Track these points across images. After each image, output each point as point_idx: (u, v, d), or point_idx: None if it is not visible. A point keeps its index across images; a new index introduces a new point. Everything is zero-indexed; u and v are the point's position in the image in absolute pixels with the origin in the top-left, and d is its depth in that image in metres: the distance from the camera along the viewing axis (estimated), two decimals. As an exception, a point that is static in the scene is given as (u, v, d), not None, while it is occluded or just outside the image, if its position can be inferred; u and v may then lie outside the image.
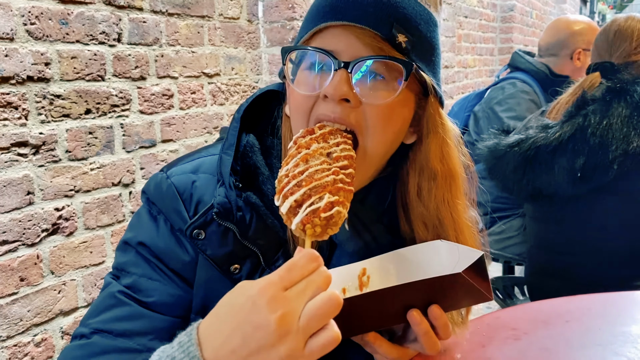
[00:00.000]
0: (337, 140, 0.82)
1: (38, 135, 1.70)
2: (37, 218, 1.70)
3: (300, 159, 0.79)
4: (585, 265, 1.98)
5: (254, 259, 0.91)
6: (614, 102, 1.85)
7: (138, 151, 2.06)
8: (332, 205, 0.74)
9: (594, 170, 1.84)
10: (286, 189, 0.76)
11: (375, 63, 0.84)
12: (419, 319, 0.79)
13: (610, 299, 1.18)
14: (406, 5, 0.86)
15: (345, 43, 0.84)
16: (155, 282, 0.91)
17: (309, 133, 0.83)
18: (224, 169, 0.91)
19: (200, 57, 2.34)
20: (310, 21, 0.88)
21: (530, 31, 7.08)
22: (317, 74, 0.86)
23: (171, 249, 0.92)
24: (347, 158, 0.81)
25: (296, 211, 0.74)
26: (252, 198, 0.90)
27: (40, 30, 1.70)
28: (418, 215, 0.93)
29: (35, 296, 1.71)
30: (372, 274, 0.90)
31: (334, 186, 0.76)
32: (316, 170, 0.77)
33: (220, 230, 0.89)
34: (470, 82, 5.38)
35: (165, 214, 0.93)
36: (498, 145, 2.04)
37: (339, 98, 0.83)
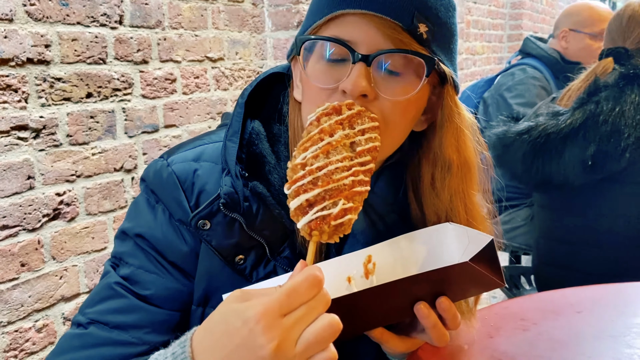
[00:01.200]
0: (364, 126, 0.77)
1: (38, 119, 1.67)
2: (38, 203, 1.68)
3: (321, 150, 0.74)
4: (595, 255, 1.94)
5: (260, 249, 0.89)
6: (627, 89, 1.80)
7: (140, 136, 2.03)
8: (345, 212, 0.71)
9: (605, 158, 1.80)
10: (300, 183, 0.72)
11: (396, 57, 0.80)
12: (426, 312, 0.76)
13: (622, 289, 1.14)
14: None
15: (364, 33, 0.79)
16: (152, 275, 0.89)
17: (335, 112, 0.77)
18: (229, 157, 0.88)
19: (203, 41, 2.30)
20: (323, 6, 0.83)
21: (540, 18, 6.97)
22: (333, 66, 0.82)
23: (169, 240, 0.89)
24: (370, 151, 0.76)
25: (306, 211, 0.71)
26: (258, 188, 0.87)
27: (40, 11, 1.66)
28: (431, 205, 0.91)
29: (36, 282, 1.70)
30: (378, 261, 0.87)
31: (351, 190, 0.72)
32: (336, 168, 0.73)
33: (226, 220, 0.87)
34: (478, 70, 5.31)
35: (165, 203, 0.90)
36: (507, 133, 2.00)
37: (358, 94, 0.79)
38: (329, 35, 0.81)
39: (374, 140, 0.77)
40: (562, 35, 2.83)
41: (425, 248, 0.88)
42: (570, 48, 2.83)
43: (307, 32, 0.86)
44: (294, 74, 0.94)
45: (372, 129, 0.78)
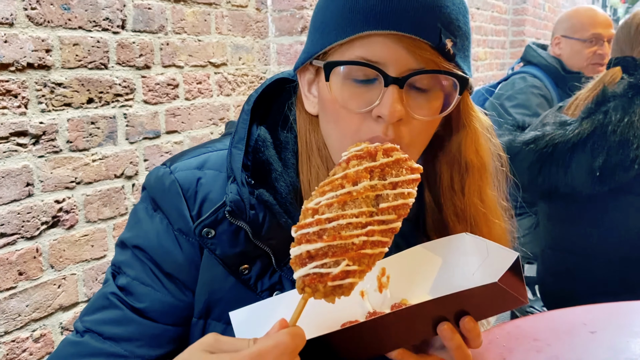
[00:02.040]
0: (398, 179, 0.69)
1: (38, 125, 1.64)
2: (37, 210, 1.65)
3: (338, 199, 0.66)
4: (602, 267, 1.91)
5: (265, 259, 0.87)
6: (636, 99, 1.78)
7: (142, 142, 2.00)
8: (347, 275, 0.63)
9: (613, 169, 1.78)
10: (305, 230, 0.65)
11: (427, 76, 0.79)
12: (451, 334, 0.73)
13: (635, 308, 1.12)
14: (448, 3, 0.79)
15: (394, 54, 0.77)
16: (147, 288, 0.87)
17: (369, 156, 0.70)
18: (234, 164, 0.86)
19: (206, 46, 2.27)
20: (345, 25, 0.80)
21: (543, 24, 6.95)
22: (362, 87, 0.80)
23: (166, 250, 0.87)
24: (397, 209, 0.67)
25: (305, 262, 0.64)
26: (264, 196, 0.85)
27: (42, 16, 1.63)
28: (450, 205, 0.91)
29: (34, 291, 1.66)
30: (392, 274, 0.84)
31: (358, 252, 0.63)
32: (348, 223, 0.64)
33: (232, 229, 0.85)
34: (480, 75, 5.29)
35: (164, 212, 0.89)
36: (513, 142, 1.97)
37: (396, 120, 0.78)
38: (356, 56, 0.79)
39: (406, 196, 0.68)
40: (555, 42, 2.83)
41: (441, 259, 0.85)
42: (564, 54, 2.82)
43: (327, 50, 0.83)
44: (301, 85, 0.91)
45: (408, 183, 0.70)
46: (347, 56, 0.80)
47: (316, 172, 0.87)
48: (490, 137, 0.92)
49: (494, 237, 0.91)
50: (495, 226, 0.92)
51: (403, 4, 0.76)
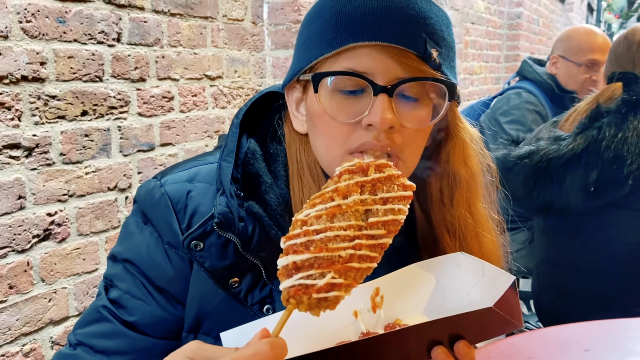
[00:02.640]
0: (389, 195, 0.68)
1: (31, 137, 1.63)
2: (28, 223, 1.64)
3: (327, 212, 0.66)
4: (596, 283, 1.91)
5: (255, 272, 0.86)
6: (629, 115, 1.79)
7: (136, 155, 1.99)
8: (332, 287, 0.62)
9: (607, 184, 1.78)
10: (293, 241, 0.65)
11: (415, 85, 0.80)
12: (445, 359, 0.73)
13: (629, 326, 1.11)
14: (431, 15, 0.81)
15: (381, 64, 0.78)
16: (138, 301, 0.87)
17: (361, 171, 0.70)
18: (224, 177, 0.86)
19: (202, 59, 2.28)
20: (330, 37, 0.80)
21: (537, 39, 7.02)
22: (351, 98, 0.80)
23: (156, 264, 0.87)
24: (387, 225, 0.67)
25: (291, 273, 0.63)
26: (254, 208, 0.85)
27: (37, 29, 1.63)
28: (440, 218, 0.91)
29: (24, 304, 1.64)
30: (386, 294, 0.83)
31: (345, 265, 0.63)
32: (336, 236, 0.64)
33: (220, 241, 0.85)
34: (476, 89, 5.31)
35: (154, 225, 0.89)
36: (508, 156, 1.98)
37: (387, 127, 0.78)
38: (343, 67, 0.80)
39: (396, 212, 0.68)
40: (553, 61, 2.83)
41: (435, 279, 0.84)
42: (560, 74, 2.82)
43: (313, 64, 0.83)
44: (289, 104, 0.91)
45: (400, 199, 0.69)
46: (335, 68, 0.80)
47: (308, 191, 0.87)
48: (479, 149, 0.92)
49: (484, 252, 0.91)
50: (486, 240, 0.91)
51: (388, 16, 0.78)
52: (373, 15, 0.78)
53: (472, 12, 5.08)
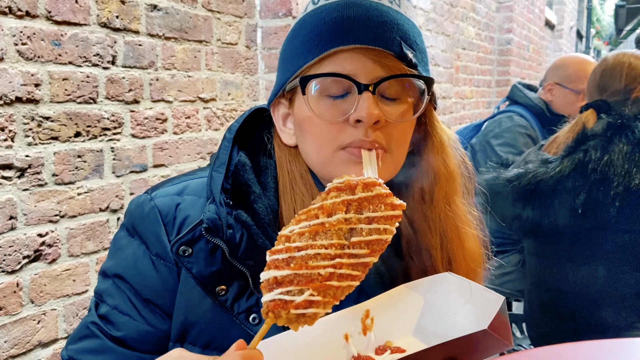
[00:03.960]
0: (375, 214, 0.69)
1: (24, 158, 1.64)
2: (19, 244, 1.63)
3: (310, 229, 0.67)
4: (586, 305, 1.92)
5: (242, 280, 0.88)
6: (614, 138, 1.82)
7: (128, 176, 2.00)
8: (310, 304, 0.64)
9: (595, 206, 1.81)
10: (275, 257, 0.66)
11: (396, 82, 0.85)
12: None
13: (618, 346, 1.12)
14: (403, 22, 0.87)
15: (362, 65, 0.83)
16: (125, 317, 0.89)
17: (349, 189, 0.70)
18: (214, 186, 0.89)
19: (196, 82, 2.31)
20: (312, 46, 0.85)
21: (527, 64, 7.14)
22: (337, 100, 0.85)
23: (143, 275, 0.89)
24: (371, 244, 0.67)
25: (272, 287, 0.65)
26: (242, 216, 0.87)
27: (32, 51, 1.66)
28: (422, 218, 0.93)
29: (13, 326, 1.63)
30: (376, 316, 0.84)
31: (324, 283, 0.64)
32: (316, 254, 0.65)
33: (209, 247, 0.87)
34: (467, 113, 5.38)
35: (142, 237, 0.91)
36: (497, 179, 2.00)
37: (374, 121, 0.82)
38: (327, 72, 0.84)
39: (381, 232, 0.68)
40: (548, 88, 2.88)
41: (424, 300, 0.85)
42: (555, 102, 2.87)
43: (298, 73, 0.87)
44: (275, 120, 0.95)
45: (386, 219, 0.69)
46: None
47: (301, 199, 0.90)
48: (456, 147, 0.96)
49: (465, 245, 0.94)
50: (468, 234, 0.95)
51: (364, 22, 0.83)
52: (350, 22, 0.83)
53: (463, 38, 5.18)
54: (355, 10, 0.84)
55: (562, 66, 2.87)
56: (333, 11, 0.85)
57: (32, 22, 1.65)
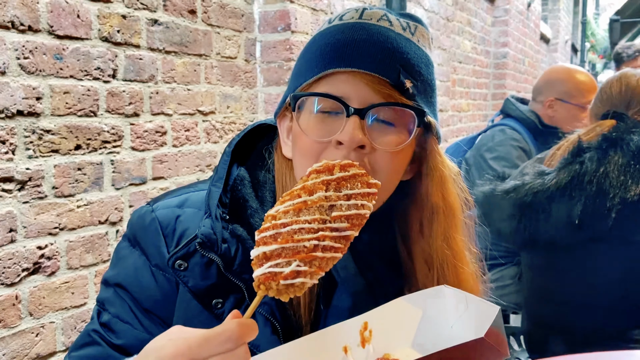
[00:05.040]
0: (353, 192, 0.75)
1: (24, 171, 1.65)
2: (18, 257, 1.64)
3: (294, 207, 0.72)
4: (584, 317, 1.92)
5: (238, 294, 0.89)
6: (610, 151, 1.84)
7: (127, 188, 2.01)
8: (297, 274, 0.68)
9: (591, 218, 1.82)
10: (263, 234, 0.72)
11: (387, 110, 0.85)
12: None
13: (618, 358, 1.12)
14: (409, 50, 0.87)
15: (355, 89, 0.84)
16: (125, 325, 0.90)
17: (327, 171, 0.76)
18: (211, 200, 0.90)
19: (195, 95, 2.33)
20: (313, 65, 0.87)
21: (523, 78, 7.21)
22: (326, 119, 0.86)
23: (144, 285, 0.91)
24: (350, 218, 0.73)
25: (262, 263, 0.69)
26: (238, 230, 0.89)
27: (34, 65, 1.67)
28: (420, 251, 0.94)
29: (11, 339, 1.63)
30: (374, 328, 0.85)
31: (309, 254, 0.69)
32: (300, 228, 0.70)
33: (204, 261, 0.88)
34: (464, 126, 5.42)
35: (143, 248, 0.93)
36: (494, 191, 2.01)
37: (355, 146, 0.83)
38: (322, 91, 0.86)
39: (359, 207, 0.74)
40: (548, 104, 2.86)
41: (421, 312, 0.86)
42: (557, 117, 2.86)
43: (298, 90, 0.89)
44: (280, 132, 0.97)
45: (363, 196, 0.75)
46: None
47: None
48: (458, 183, 0.96)
49: (462, 284, 0.94)
50: (464, 272, 0.94)
51: (365, 48, 0.84)
52: (352, 46, 0.85)
53: (459, 51, 5.23)
54: (360, 34, 0.85)
55: (560, 81, 2.85)
56: (339, 33, 0.87)
57: (34, 37, 1.67)
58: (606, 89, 2.05)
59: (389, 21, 0.88)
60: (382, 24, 0.87)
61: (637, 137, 1.81)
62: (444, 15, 4.74)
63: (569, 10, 11.84)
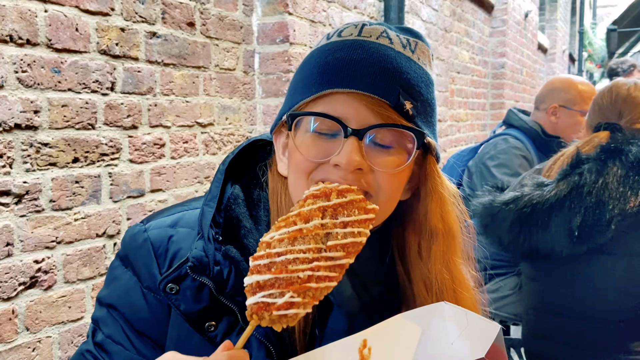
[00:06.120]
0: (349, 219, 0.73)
1: (22, 185, 1.64)
2: (15, 271, 1.63)
3: (289, 235, 0.71)
4: (584, 329, 1.91)
5: (232, 317, 0.87)
6: (609, 162, 1.84)
7: (125, 201, 2.00)
8: (291, 305, 0.68)
9: (591, 229, 1.81)
10: (257, 262, 0.70)
11: (386, 131, 0.84)
12: None
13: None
14: (409, 70, 0.85)
15: (354, 110, 0.82)
16: (117, 346, 0.89)
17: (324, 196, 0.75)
18: (204, 221, 0.89)
19: (194, 107, 2.33)
20: (311, 83, 0.86)
21: (521, 87, 7.23)
22: (324, 139, 0.84)
23: (135, 307, 0.90)
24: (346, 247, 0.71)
25: (255, 291, 0.69)
26: (231, 252, 0.87)
27: (32, 78, 1.67)
28: (418, 273, 0.92)
29: (7, 354, 1.61)
30: (373, 346, 0.84)
31: (303, 285, 0.68)
32: (295, 258, 0.69)
33: (195, 285, 0.86)
34: (462, 136, 5.43)
35: (135, 269, 0.92)
36: (493, 202, 2.01)
37: (353, 169, 0.81)
38: (320, 111, 0.84)
39: (356, 235, 0.72)
40: (551, 111, 2.91)
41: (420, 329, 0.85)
42: (560, 123, 2.91)
43: (295, 108, 0.88)
44: (276, 148, 0.95)
45: (360, 223, 0.74)
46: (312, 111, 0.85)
47: None
48: (457, 205, 0.94)
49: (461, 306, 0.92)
50: (464, 297, 0.92)
51: (364, 68, 0.82)
52: (351, 66, 0.83)
53: (457, 62, 5.25)
54: (359, 53, 0.83)
55: (562, 89, 2.91)
56: (338, 51, 0.85)
57: (33, 50, 1.68)
58: (598, 100, 2.07)
59: (389, 38, 0.86)
60: (382, 42, 0.85)
61: (635, 148, 1.81)
62: (442, 26, 4.77)
63: (566, 20, 11.91)
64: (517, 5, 6.93)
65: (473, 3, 5.76)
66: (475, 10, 5.84)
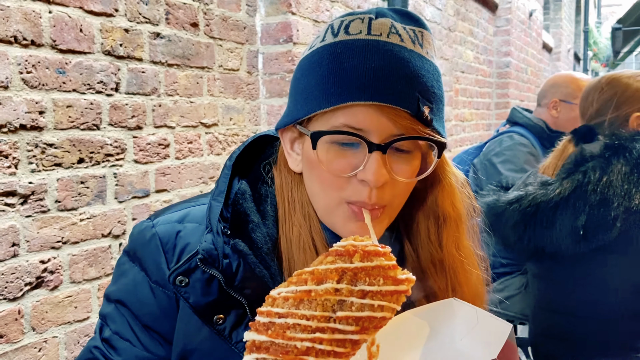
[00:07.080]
0: (371, 288, 0.63)
1: (27, 185, 1.65)
2: (21, 271, 1.64)
3: (295, 296, 0.63)
4: (591, 328, 1.90)
5: (240, 309, 0.88)
6: (613, 159, 1.83)
7: (130, 201, 2.01)
8: None
9: (596, 228, 1.80)
10: (259, 318, 0.64)
11: (408, 142, 0.84)
12: None
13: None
14: (424, 72, 0.85)
15: (376, 122, 0.82)
16: (125, 342, 0.90)
17: (347, 254, 0.65)
18: (212, 215, 0.90)
19: (198, 107, 2.34)
20: (329, 94, 0.83)
21: (526, 87, 7.20)
22: (347, 152, 0.84)
23: (143, 301, 0.91)
24: (361, 321, 0.62)
25: (252, 349, 0.63)
26: (239, 245, 0.87)
27: (37, 79, 1.68)
28: (428, 257, 0.94)
29: (14, 354, 1.62)
30: (381, 343, 0.83)
31: (298, 357, 0.60)
32: (295, 324, 0.61)
33: (205, 277, 0.87)
34: (467, 136, 5.41)
35: (143, 264, 0.92)
36: (497, 202, 2.00)
37: (380, 185, 0.82)
38: (340, 123, 0.83)
39: (375, 309, 0.62)
40: (552, 105, 2.93)
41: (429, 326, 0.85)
42: (561, 117, 2.92)
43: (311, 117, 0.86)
44: (283, 143, 0.95)
45: (384, 295, 0.63)
46: (332, 123, 0.83)
47: (298, 230, 0.89)
48: (465, 191, 0.97)
49: (470, 285, 0.95)
50: (473, 275, 0.96)
51: (384, 77, 0.81)
52: (370, 76, 0.81)
53: (462, 61, 5.24)
54: (377, 59, 0.81)
55: (562, 84, 2.94)
56: (353, 56, 0.82)
57: (37, 51, 1.69)
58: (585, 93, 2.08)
59: (399, 35, 0.84)
60: (393, 40, 0.83)
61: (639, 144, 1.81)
62: (446, 26, 4.76)
63: (571, 19, 11.86)
64: (521, 4, 6.91)
65: (477, 2, 5.75)
66: (479, 10, 5.83)
